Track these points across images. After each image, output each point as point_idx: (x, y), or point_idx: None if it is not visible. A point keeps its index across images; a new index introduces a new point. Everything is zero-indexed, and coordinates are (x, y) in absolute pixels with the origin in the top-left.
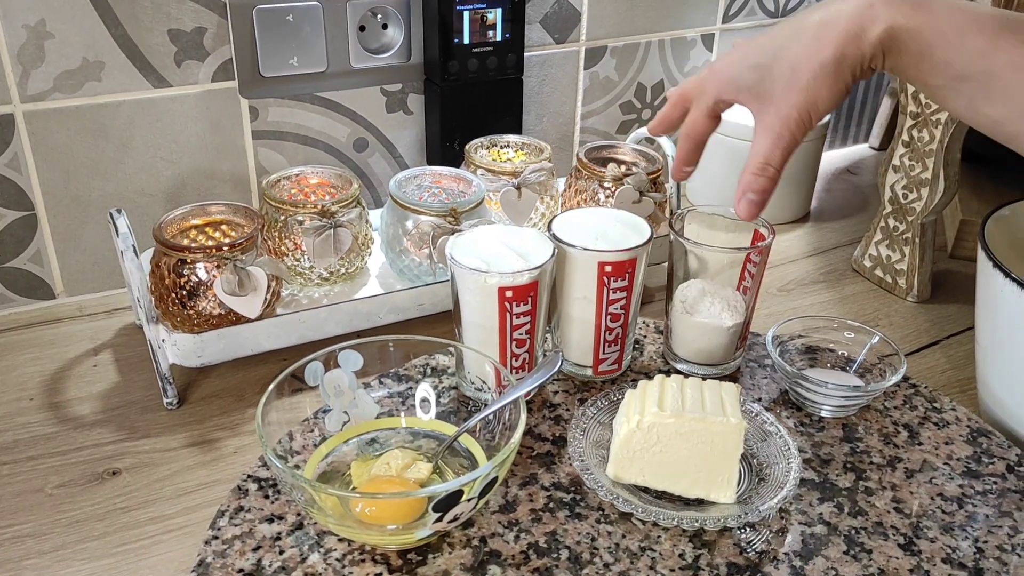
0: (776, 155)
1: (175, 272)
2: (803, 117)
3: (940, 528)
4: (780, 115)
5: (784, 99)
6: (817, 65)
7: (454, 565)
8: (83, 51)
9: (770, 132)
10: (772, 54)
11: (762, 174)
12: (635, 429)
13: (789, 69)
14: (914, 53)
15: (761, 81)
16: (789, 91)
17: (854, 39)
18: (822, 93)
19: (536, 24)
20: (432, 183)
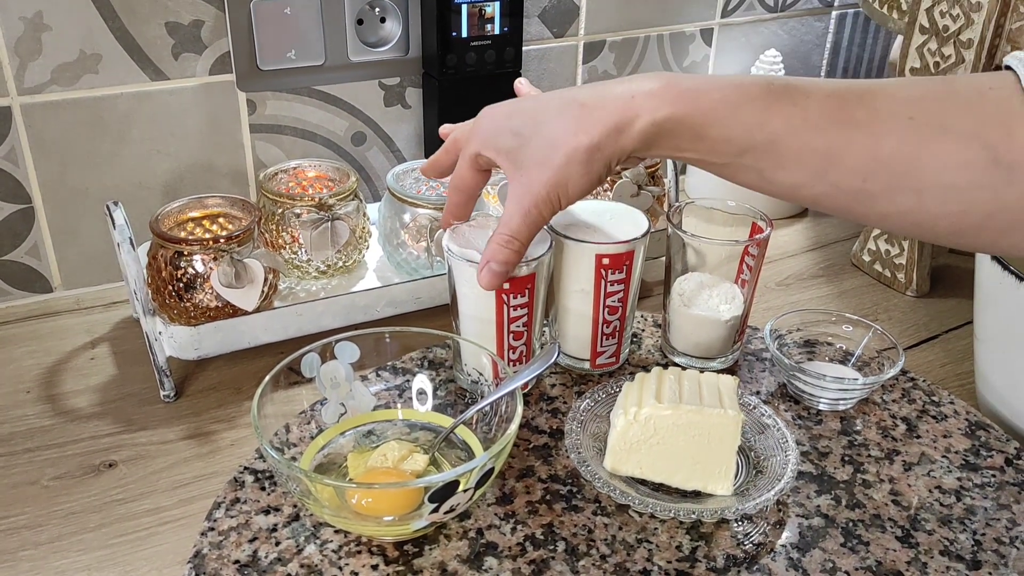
0: (523, 230)
1: (172, 264)
2: (551, 197)
3: (938, 521)
4: (531, 190)
5: (536, 174)
6: (572, 149)
7: (451, 557)
8: (80, 44)
9: (519, 205)
10: (534, 126)
11: (507, 246)
12: (632, 421)
13: (546, 145)
14: (688, 136)
15: (518, 149)
16: (542, 167)
17: (612, 132)
18: (573, 177)
19: (535, 18)
20: None
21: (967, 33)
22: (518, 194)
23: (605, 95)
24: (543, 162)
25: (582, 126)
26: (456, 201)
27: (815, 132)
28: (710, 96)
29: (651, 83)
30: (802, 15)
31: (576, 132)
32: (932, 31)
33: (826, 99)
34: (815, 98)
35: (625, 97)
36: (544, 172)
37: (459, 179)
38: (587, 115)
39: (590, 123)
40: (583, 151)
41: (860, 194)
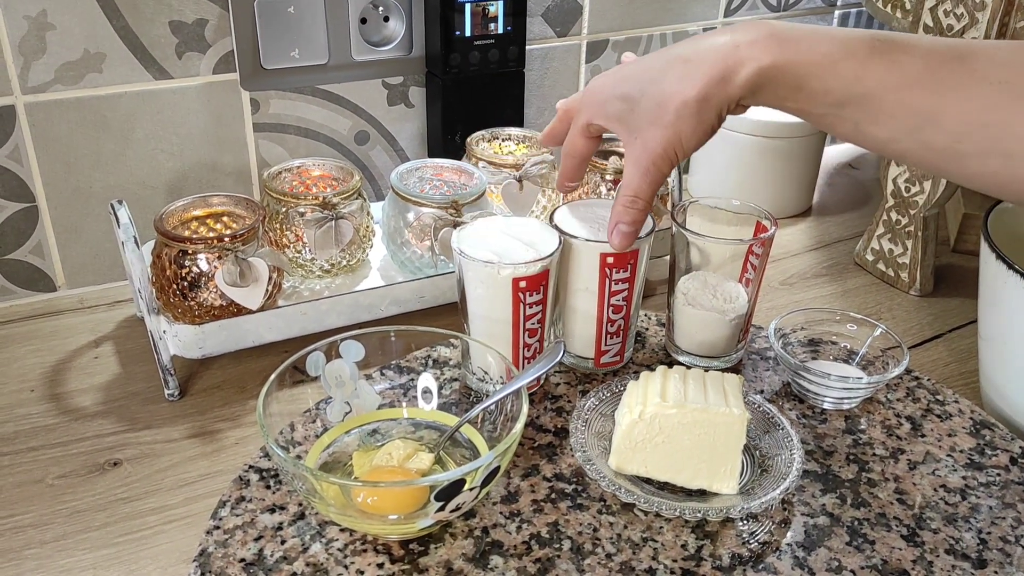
0: (644, 188)
1: (176, 263)
2: (668, 153)
3: (943, 519)
4: (647, 149)
5: (650, 134)
6: (681, 103)
7: (456, 555)
8: (84, 42)
9: (638, 165)
10: (640, 87)
11: (632, 206)
12: (637, 420)
13: (655, 104)
14: (789, 86)
15: (629, 112)
16: (654, 126)
17: (719, 82)
18: (686, 131)
19: (538, 17)
20: (433, 175)
21: (971, 32)
22: (635, 155)
23: (707, 47)
24: (655, 120)
25: (688, 81)
26: (569, 165)
27: (911, 90)
28: (812, 47)
29: (754, 32)
30: (805, 14)
31: (683, 88)
32: (936, 30)
33: (925, 57)
34: (914, 55)
35: (729, 47)
36: (657, 130)
37: (571, 146)
38: (692, 69)
39: (696, 76)
40: (692, 103)
41: (950, 153)
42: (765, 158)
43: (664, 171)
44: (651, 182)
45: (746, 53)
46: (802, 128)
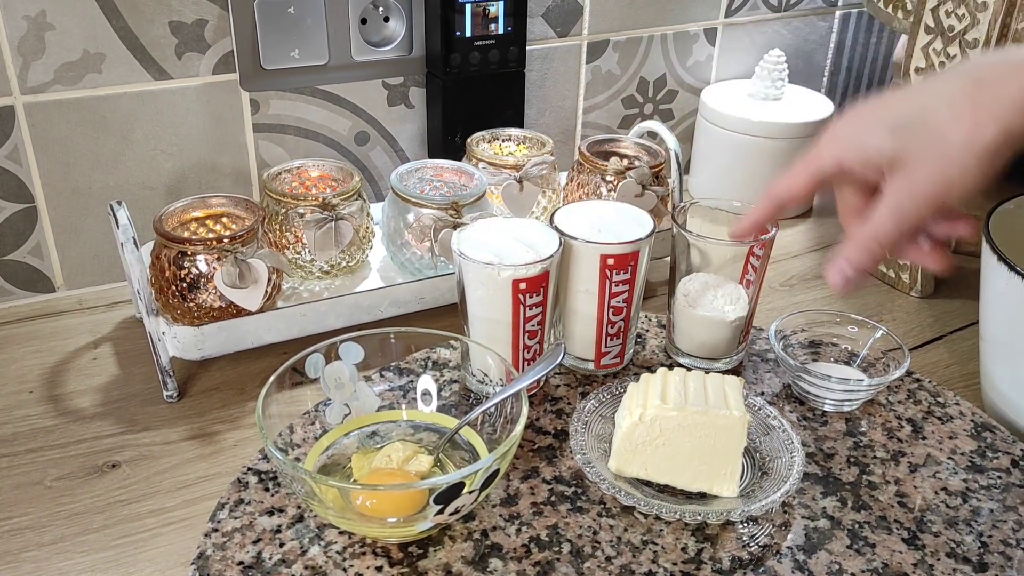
0: (890, 231)
1: (175, 264)
2: (937, 197)
3: (944, 522)
4: (912, 188)
5: (921, 172)
6: (965, 142)
7: (455, 558)
8: (84, 43)
9: (893, 205)
10: (917, 113)
11: (867, 249)
12: (638, 422)
13: (932, 140)
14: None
15: (900, 146)
16: (926, 163)
17: (1019, 111)
18: (970, 174)
19: (538, 18)
20: (433, 176)
21: (972, 33)
22: (894, 193)
23: (1010, 63)
24: (932, 156)
25: (981, 110)
26: (769, 209)
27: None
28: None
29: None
30: (806, 15)
31: (973, 118)
32: (937, 31)
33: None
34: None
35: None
36: (931, 167)
37: (788, 191)
38: (986, 94)
39: (992, 105)
40: (981, 144)
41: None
42: (766, 159)
43: (924, 217)
44: (900, 224)
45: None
46: (803, 129)
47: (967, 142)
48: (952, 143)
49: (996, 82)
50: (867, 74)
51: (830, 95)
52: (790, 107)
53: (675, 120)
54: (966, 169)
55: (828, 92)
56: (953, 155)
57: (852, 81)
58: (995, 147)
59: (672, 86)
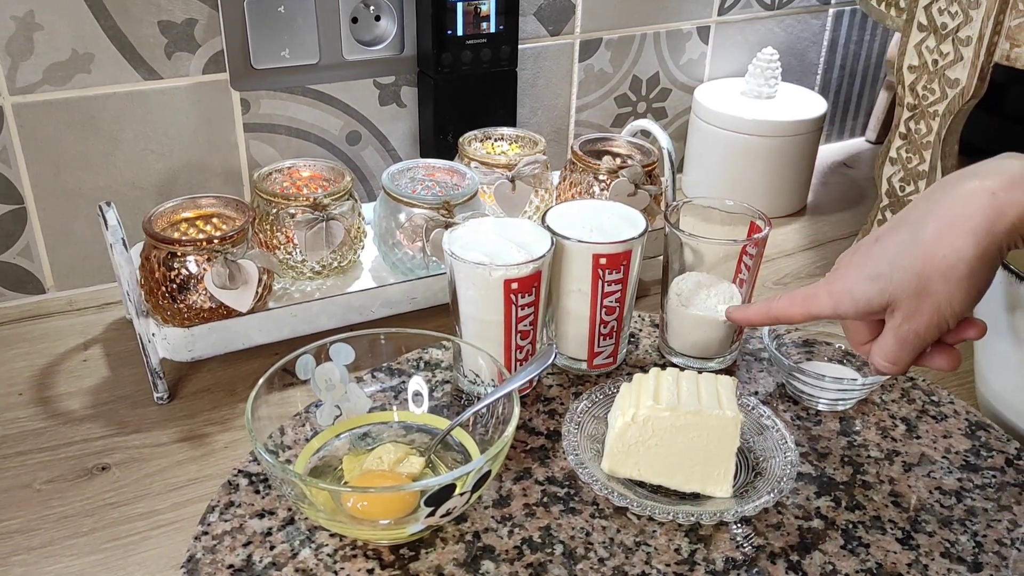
0: (904, 358)
1: (165, 265)
2: (939, 322)
3: (939, 522)
4: (912, 325)
5: (913, 306)
6: (948, 267)
7: (447, 560)
8: (72, 43)
9: (899, 340)
10: (890, 260)
11: (887, 371)
12: (630, 422)
13: (914, 275)
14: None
15: (882, 292)
16: (918, 298)
17: (987, 235)
18: (957, 296)
19: (530, 16)
20: (425, 176)
21: (965, 30)
22: (897, 329)
23: (954, 200)
24: (918, 292)
25: (951, 239)
26: (759, 316)
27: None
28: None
29: (1000, 177)
30: (799, 12)
31: (948, 247)
32: (930, 28)
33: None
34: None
35: (982, 195)
36: (922, 301)
37: (784, 316)
38: (948, 227)
39: (959, 233)
40: (964, 264)
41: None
42: (759, 157)
43: (928, 340)
44: (912, 351)
45: (1005, 199)
46: (795, 127)
47: (948, 267)
48: (932, 273)
49: (951, 216)
50: (860, 72)
51: (823, 93)
52: (783, 105)
53: (668, 119)
54: (954, 289)
55: (821, 90)
56: (938, 282)
57: (846, 79)
58: (971, 266)
59: (665, 84)
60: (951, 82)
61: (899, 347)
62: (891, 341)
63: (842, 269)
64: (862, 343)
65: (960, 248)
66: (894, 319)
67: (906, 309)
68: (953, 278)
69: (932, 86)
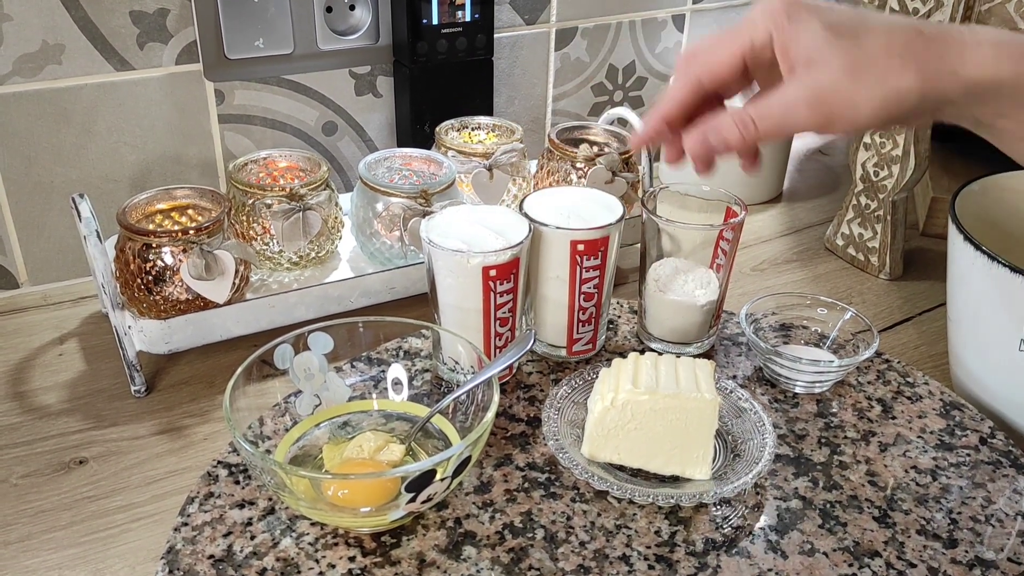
0: (770, 125)
1: (140, 257)
2: (832, 117)
3: (914, 500)
4: (816, 91)
5: (830, 77)
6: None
7: (429, 547)
8: (42, 34)
9: (787, 100)
10: (856, 24)
11: (742, 129)
12: (609, 407)
13: (863, 54)
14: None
15: (825, 40)
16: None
17: (942, 75)
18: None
19: (506, 5)
20: (402, 165)
21: (937, 15)
22: (794, 90)
23: (938, 30)
24: (848, 68)
25: (913, 54)
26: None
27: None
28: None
29: (999, 35)
30: None
31: (904, 57)
32: (902, 13)
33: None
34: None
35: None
36: (843, 80)
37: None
38: (923, 46)
39: (924, 55)
40: (894, 90)
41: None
42: None
43: (804, 126)
44: (784, 126)
45: (985, 55)
46: None
47: (881, 79)
48: (874, 66)
49: (931, 39)
50: None
51: None
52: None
53: (645, 107)
54: (878, 94)
55: None
56: (869, 76)
57: None
58: (908, 99)
59: (641, 73)
60: None
61: (781, 112)
62: (777, 101)
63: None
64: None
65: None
66: (800, 82)
67: (822, 75)
68: (888, 91)
69: None
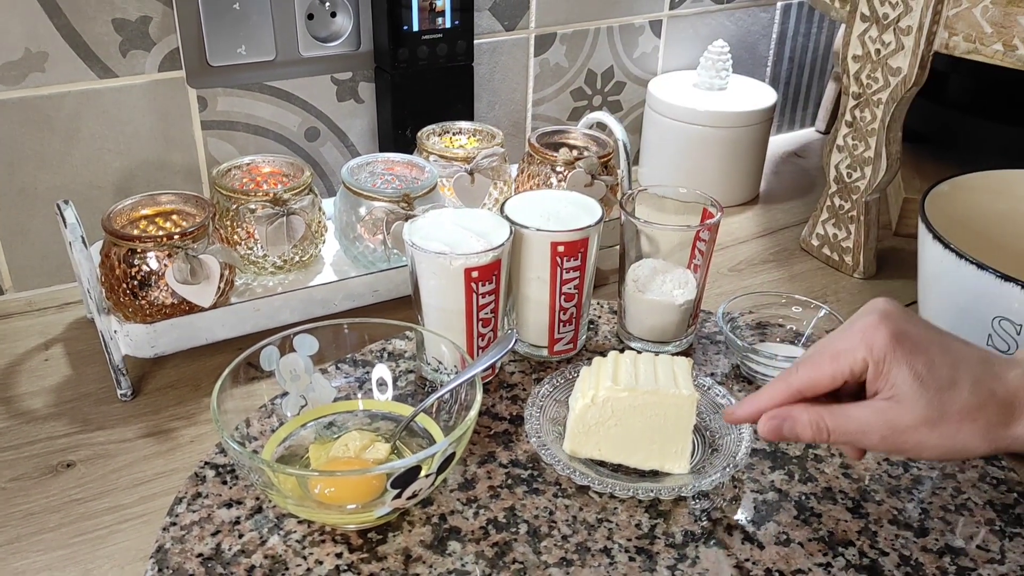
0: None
1: (125, 262)
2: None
3: (887, 491)
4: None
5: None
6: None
7: (414, 542)
8: (25, 41)
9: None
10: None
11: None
12: (590, 404)
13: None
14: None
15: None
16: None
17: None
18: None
19: (485, 11)
20: (385, 170)
21: (906, 20)
22: (874, 417)
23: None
24: (926, 420)
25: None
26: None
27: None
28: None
29: None
30: (748, 6)
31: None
32: (872, 19)
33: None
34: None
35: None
36: (919, 428)
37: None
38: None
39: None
40: (970, 450)
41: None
42: (712, 148)
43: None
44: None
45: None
46: (747, 118)
47: (952, 436)
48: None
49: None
50: (809, 64)
51: (773, 84)
52: (735, 96)
53: (624, 111)
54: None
55: (771, 81)
56: (935, 439)
57: (795, 70)
58: (971, 454)
59: (620, 78)
60: (893, 71)
61: (856, 431)
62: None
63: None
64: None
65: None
66: (881, 404)
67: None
68: (954, 454)
69: (875, 75)
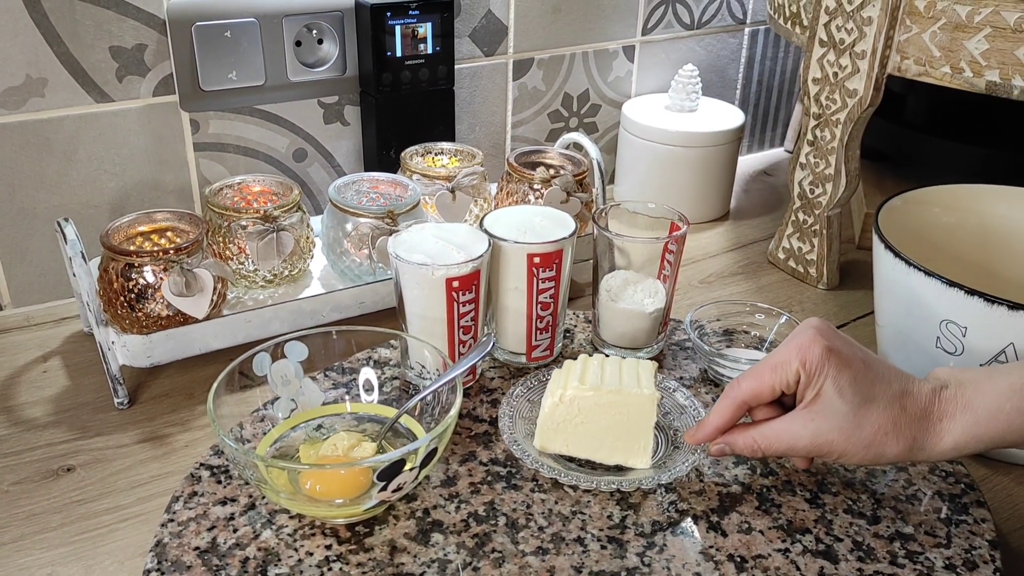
0: (773, 448)
1: (123, 276)
2: (822, 455)
3: (842, 483)
4: (823, 434)
5: (830, 434)
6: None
7: (399, 535)
8: (26, 68)
9: (793, 434)
10: (886, 382)
11: (751, 452)
12: (558, 402)
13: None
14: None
15: (849, 381)
16: (848, 421)
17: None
18: (852, 460)
19: (465, 38)
20: (370, 188)
21: (861, 45)
22: (801, 427)
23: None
24: (846, 431)
25: (899, 431)
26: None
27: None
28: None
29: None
30: (717, 32)
31: (891, 434)
32: (830, 44)
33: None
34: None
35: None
36: (839, 438)
37: (752, 394)
38: (906, 423)
39: (907, 433)
40: (888, 457)
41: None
42: (684, 167)
43: (799, 455)
44: (786, 450)
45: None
46: (716, 137)
47: (868, 445)
48: (860, 439)
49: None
50: (776, 86)
51: (742, 106)
52: (705, 118)
53: (599, 133)
54: (857, 457)
55: (741, 104)
56: (854, 448)
57: (763, 93)
58: (889, 461)
59: (595, 100)
60: (850, 92)
61: (787, 443)
62: (784, 431)
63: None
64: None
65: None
66: (809, 415)
67: (838, 420)
68: (882, 460)
69: (834, 96)
